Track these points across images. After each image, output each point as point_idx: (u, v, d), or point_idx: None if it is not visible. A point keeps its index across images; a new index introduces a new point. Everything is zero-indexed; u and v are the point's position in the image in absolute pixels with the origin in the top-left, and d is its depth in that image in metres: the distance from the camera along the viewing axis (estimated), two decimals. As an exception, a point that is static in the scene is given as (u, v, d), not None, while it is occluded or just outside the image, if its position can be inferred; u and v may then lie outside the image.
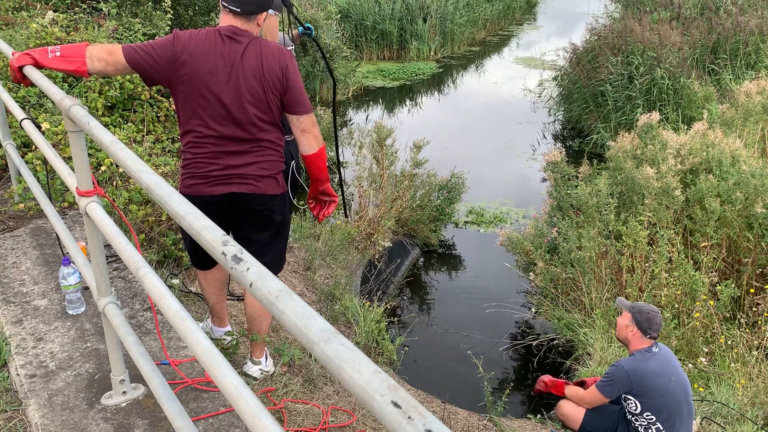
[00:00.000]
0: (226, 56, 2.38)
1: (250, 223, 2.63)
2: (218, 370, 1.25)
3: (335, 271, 5.28)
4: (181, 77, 2.37)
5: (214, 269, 2.80)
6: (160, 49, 2.37)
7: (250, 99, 2.41)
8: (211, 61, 2.37)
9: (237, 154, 2.48)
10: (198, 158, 2.48)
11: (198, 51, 2.36)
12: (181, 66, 2.36)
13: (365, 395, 0.81)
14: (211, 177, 2.48)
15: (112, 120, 4.55)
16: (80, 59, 2.33)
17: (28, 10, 6.41)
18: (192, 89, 2.38)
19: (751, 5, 10.90)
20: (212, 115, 2.41)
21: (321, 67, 10.87)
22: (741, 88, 7.88)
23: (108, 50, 2.37)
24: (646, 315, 3.36)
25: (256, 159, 2.51)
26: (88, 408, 2.32)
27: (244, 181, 2.50)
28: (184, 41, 2.38)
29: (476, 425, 3.85)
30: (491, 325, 5.48)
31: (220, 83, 2.38)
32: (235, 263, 1.14)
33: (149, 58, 2.36)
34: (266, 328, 2.87)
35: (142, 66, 2.37)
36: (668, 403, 3.31)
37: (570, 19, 19.82)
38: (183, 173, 2.54)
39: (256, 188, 2.52)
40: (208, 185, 2.49)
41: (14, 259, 3.31)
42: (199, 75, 2.36)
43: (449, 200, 6.83)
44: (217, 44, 2.39)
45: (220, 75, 2.37)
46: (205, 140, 2.45)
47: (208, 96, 2.39)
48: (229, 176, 2.49)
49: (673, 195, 5.14)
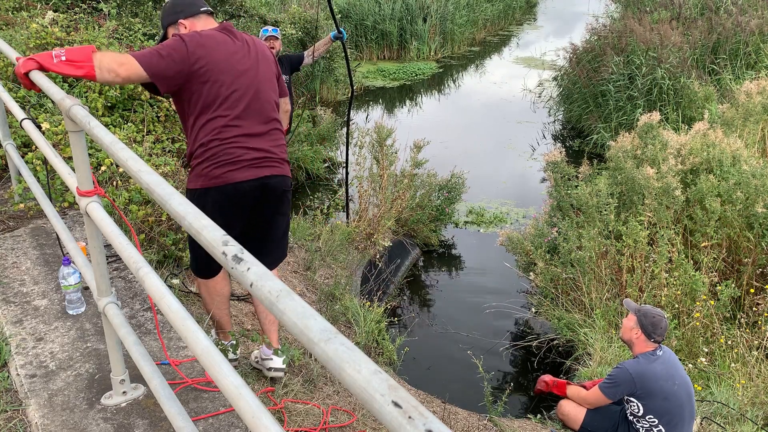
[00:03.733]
0: (235, 45, 2.54)
1: (274, 207, 2.71)
2: (218, 370, 1.25)
3: (335, 271, 5.28)
4: (200, 69, 2.44)
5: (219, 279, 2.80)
6: (172, 49, 2.39)
7: (266, 81, 2.61)
8: (226, 51, 2.49)
9: (262, 137, 2.57)
10: (227, 144, 2.49)
11: (213, 43, 2.48)
12: (198, 60, 2.43)
13: (365, 395, 0.81)
14: (244, 161, 2.51)
15: (112, 120, 4.55)
16: (89, 64, 2.28)
17: (28, 10, 6.41)
18: (213, 79, 2.46)
19: (751, 5, 10.90)
20: (236, 99, 2.50)
21: (321, 68, 10.87)
22: (741, 88, 7.88)
23: (119, 61, 2.31)
24: (651, 319, 3.35)
25: (275, 142, 2.64)
26: (88, 408, 2.32)
27: (274, 164, 2.60)
28: (195, 37, 2.46)
29: (476, 425, 3.85)
30: (491, 325, 5.48)
31: (242, 68, 2.52)
32: (235, 263, 1.14)
33: (168, 58, 2.37)
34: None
35: (162, 71, 2.36)
36: (671, 407, 3.30)
37: (570, 19, 19.83)
38: (207, 165, 2.50)
39: (282, 170, 2.65)
40: (241, 170, 2.51)
41: (14, 259, 3.31)
42: (218, 64, 2.46)
43: (449, 200, 6.83)
44: (223, 36, 2.54)
45: (238, 61, 2.52)
46: (233, 123, 2.50)
47: (231, 82, 2.48)
48: (260, 159, 2.55)
49: (674, 195, 5.14)
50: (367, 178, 6.56)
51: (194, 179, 2.56)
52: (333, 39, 5.09)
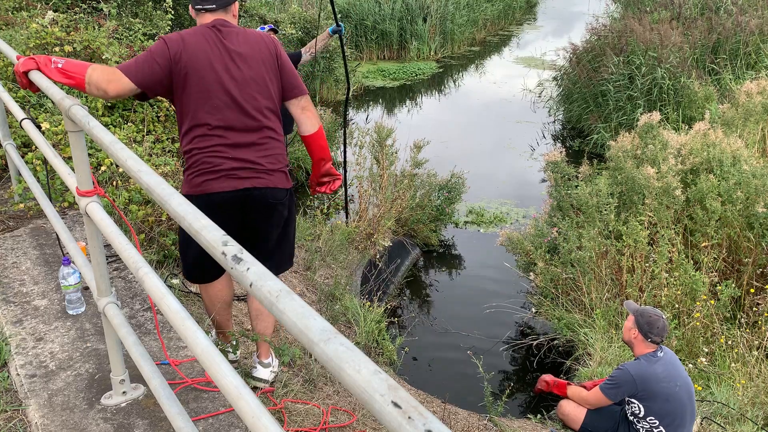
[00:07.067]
0: (221, 46, 2.41)
1: (262, 219, 2.56)
2: (218, 370, 1.25)
3: (335, 271, 5.28)
4: (182, 73, 2.36)
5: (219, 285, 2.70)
6: (156, 55, 2.35)
7: (253, 85, 2.43)
8: (210, 52, 2.38)
9: (246, 147, 2.43)
10: (206, 152, 2.40)
11: (194, 45, 2.37)
12: (179, 62, 2.35)
13: (365, 395, 0.81)
14: (222, 171, 2.40)
15: (112, 120, 4.55)
16: (80, 77, 2.29)
17: (28, 10, 6.42)
18: (195, 83, 2.37)
19: (751, 5, 10.90)
20: (217, 105, 2.39)
21: (321, 68, 10.88)
22: (741, 88, 7.88)
23: (107, 79, 2.31)
24: (647, 318, 3.35)
25: (266, 152, 2.48)
26: (88, 408, 2.32)
27: (256, 175, 2.45)
28: (177, 39, 2.37)
29: (476, 425, 3.85)
30: (491, 325, 5.48)
31: (222, 72, 2.38)
32: (235, 263, 1.14)
33: (153, 64, 2.33)
34: (272, 325, 2.83)
35: (148, 77, 2.33)
36: (673, 408, 3.29)
37: (570, 19, 19.83)
38: (190, 173, 2.45)
39: (269, 181, 2.48)
40: (219, 180, 2.41)
41: (14, 259, 3.30)
42: (200, 67, 2.36)
43: (449, 200, 6.83)
44: (210, 36, 2.41)
45: (221, 64, 2.39)
46: (212, 132, 2.39)
47: (212, 86, 2.38)
48: (240, 169, 2.42)
49: (674, 195, 5.14)
50: (367, 178, 6.55)
51: (183, 184, 2.53)
52: (331, 33, 5.05)
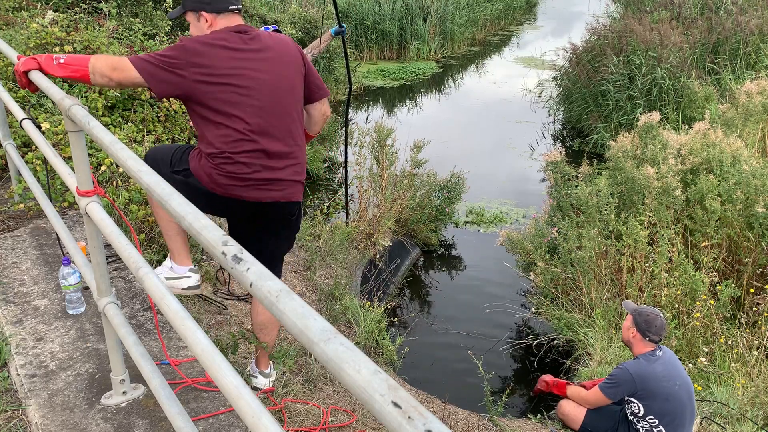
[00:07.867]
0: (248, 49, 2.32)
1: (276, 227, 2.53)
2: (218, 370, 1.25)
3: (335, 271, 5.28)
4: (203, 78, 2.25)
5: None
6: (173, 57, 2.24)
7: (284, 86, 2.38)
8: (236, 56, 2.29)
9: (277, 158, 2.37)
10: (237, 157, 2.31)
11: (219, 48, 2.27)
12: (201, 68, 2.24)
13: (365, 395, 0.81)
14: (251, 180, 2.34)
15: (112, 120, 4.55)
16: (83, 68, 2.23)
17: (28, 10, 6.42)
18: (223, 87, 2.27)
19: (751, 5, 10.90)
20: (248, 108, 2.30)
21: (321, 68, 10.87)
22: (741, 88, 7.88)
23: (112, 66, 2.22)
24: (645, 317, 3.36)
25: (293, 161, 2.43)
26: (88, 408, 2.32)
27: (279, 188, 2.40)
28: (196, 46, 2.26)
29: (476, 425, 3.85)
30: (491, 325, 5.48)
31: (252, 75, 2.30)
32: (235, 263, 1.13)
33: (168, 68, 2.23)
34: (275, 337, 2.82)
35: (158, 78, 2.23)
36: (672, 408, 3.30)
37: (570, 19, 19.83)
38: (216, 169, 2.34)
39: (291, 195, 2.44)
40: (246, 189, 2.35)
41: (14, 259, 3.31)
42: (228, 71, 2.27)
43: (449, 200, 6.83)
44: (235, 40, 2.31)
45: (251, 67, 2.30)
46: (245, 137, 2.31)
47: (243, 89, 2.29)
48: (270, 182, 2.37)
49: (674, 195, 5.14)
50: (367, 178, 6.56)
51: (197, 166, 2.39)
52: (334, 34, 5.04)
